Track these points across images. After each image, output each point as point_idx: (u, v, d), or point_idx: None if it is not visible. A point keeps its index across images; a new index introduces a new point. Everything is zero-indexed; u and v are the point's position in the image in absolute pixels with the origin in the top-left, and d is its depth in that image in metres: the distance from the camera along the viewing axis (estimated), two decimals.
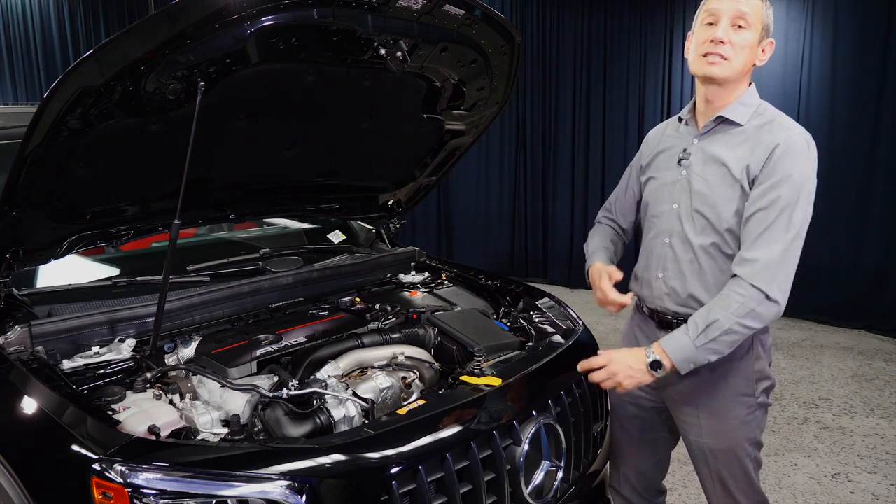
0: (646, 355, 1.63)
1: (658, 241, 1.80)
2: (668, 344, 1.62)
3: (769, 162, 1.60)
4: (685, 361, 1.61)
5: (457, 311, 2.20)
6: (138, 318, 1.87)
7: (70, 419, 1.39)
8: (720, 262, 1.69)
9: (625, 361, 1.65)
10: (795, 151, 1.60)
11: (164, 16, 1.46)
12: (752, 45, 1.65)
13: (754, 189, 1.62)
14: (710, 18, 1.66)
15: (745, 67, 1.67)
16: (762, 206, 1.59)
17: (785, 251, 1.57)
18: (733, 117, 1.69)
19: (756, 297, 1.56)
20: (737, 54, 1.64)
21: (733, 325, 1.56)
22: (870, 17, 4.89)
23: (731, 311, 1.56)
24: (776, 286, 1.56)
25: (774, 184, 1.59)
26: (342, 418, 1.60)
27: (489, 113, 2.41)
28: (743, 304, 1.56)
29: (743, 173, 1.64)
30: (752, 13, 1.63)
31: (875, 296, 5.10)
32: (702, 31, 1.68)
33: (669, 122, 1.93)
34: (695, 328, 1.59)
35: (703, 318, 1.59)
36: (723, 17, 1.64)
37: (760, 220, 1.59)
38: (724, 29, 1.63)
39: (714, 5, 1.66)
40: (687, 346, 1.60)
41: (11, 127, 2.14)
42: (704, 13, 1.69)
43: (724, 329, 1.57)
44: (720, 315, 1.57)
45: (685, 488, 3.01)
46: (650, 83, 6.01)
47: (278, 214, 2.64)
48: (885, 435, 3.52)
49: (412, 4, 1.75)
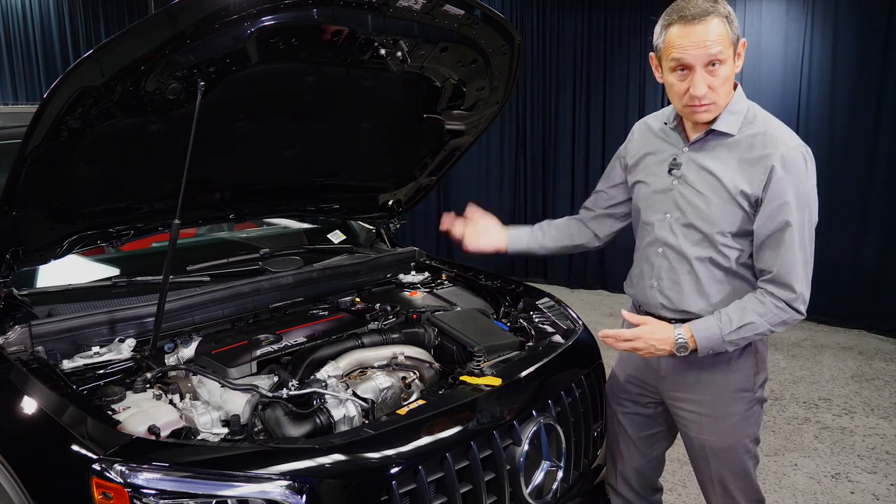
0: (675, 337, 1.66)
1: (652, 249, 1.80)
2: (699, 332, 1.65)
3: (770, 184, 1.59)
4: (707, 349, 1.66)
5: (457, 311, 2.20)
6: (138, 318, 1.87)
7: (70, 419, 1.39)
8: (716, 274, 1.70)
9: (652, 339, 1.67)
10: (796, 170, 1.59)
11: (164, 16, 1.46)
12: (730, 72, 1.60)
13: (761, 211, 1.62)
14: (680, 67, 1.58)
15: (730, 90, 1.64)
16: (776, 229, 1.61)
17: (805, 263, 1.63)
18: (725, 129, 1.65)
19: (788, 311, 1.63)
20: (719, 93, 1.59)
21: (765, 330, 1.64)
22: (870, 17, 4.88)
23: (766, 319, 1.63)
24: (802, 301, 1.63)
25: (781, 206, 1.59)
26: (342, 418, 1.61)
27: (489, 113, 2.41)
28: (776, 314, 1.63)
29: (738, 190, 1.62)
30: (722, 46, 1.54)
31: (875, 296, 5.09)
32: (674, 80, 1.61)
33: (655, 117, 1.87)
34: (728, 323, 1.63)
35: (738, 316, 1.63)
36: (695, 67, 1.56)
37: (778, 241, 1.61)
38: (700, 81, 1.56)
39: (681, 55, 1.56)
40: (715, 337, 1.64)
41: (11, 127, 2.14)
42: (672, 62, 1.58)
43: (757, 332, 1.64)
44: (756, 319, 1.62)
45: (685, 488, 3.01)
46: (650, 83, 6.01)
47: (278, 214, 2.64)
48: (885, 435, 3.52)
49: (412, 4, 1.75)
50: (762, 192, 1.60)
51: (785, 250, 1.60)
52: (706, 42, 1.54)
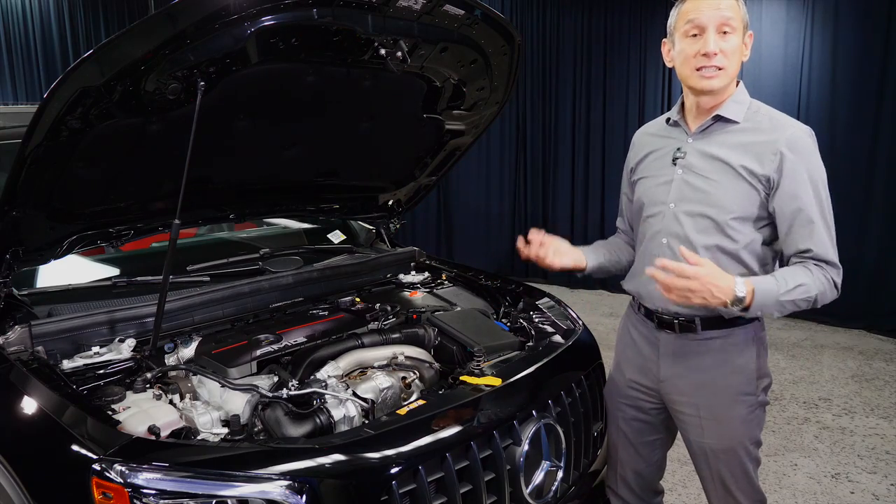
0: (735, 288, 1.58)
1: (655, 241, 1.79)
2: (759, 285, 1.61)
3: (784, 165, 1.62)
4: (759, 307, 1.62)
5: (457, 311, 2.20)
6: (138, 318, 1.87)
7: (70, 419, 1.40)
8: (723, 261, 1.69)
9: (712, 282, 1.57)
10: (807, 151, 1.64)
11: (164, 16, 1.46)
12: (739, 47, 1.66)
13: (779, 195, 1.64)
14: (693, 30, 1.64)
15: (737, 70, 1.68)
16: (799, 208, 1.63)
17: (832, 241, 1.66)
18: (730, 115, 1.69)
19: (832, 286, 1.65)
20: (729, 61, 1.64)
21: (814, 295, 1.62)
22: (870, 17, 4.88)
23: (815, 285, 1.62)
24: (841, 276, 1.66)
25: (799, 188, 1.63)
26: (342, 418, 1.60)
27: (489, 113, 2.41)
28: (822, 282, 1.63)
29: (746, 169, 1.64)
30: (734, 16, 1.62)
31: (875, 296, 5.09)
32: (687, 44, 1.66)
33: (653, 123, 1.92)
34: (784, 283, 1.61)
35: (793, 278, 1.62)
36: (708, 26, 1.62)
37: (804, 221, 1.63)
38: (713, 40, 1.62)
39: (695, 16, 1.63)
40: (771, 295, 1.60)
41: (11, 127, 2.14)
42: (686, 24, 1.65)
43: (807, 296, 1.62)
44: (807, 281, 1.62)
45: (685, 488, 3.01)
46: (650, 83, 6.01)
47: (278, 214, 2.64)
48: (885, 435, 3.52)
49: (412, 4, 1.75)
50: (775, 173, 1.63)
51: (814, 228, 1.63)
52: (719, 5, 1.61)
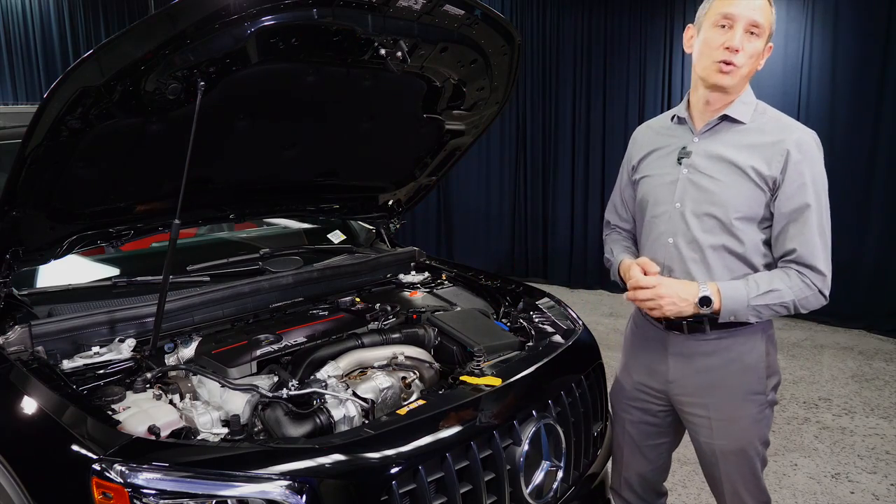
0: (699, 289, 1.64)
1: (660, 242, 1.78)
2: (725, 289, 1.64)
3: (788, 166, 1.63)
4: (730, 312, 1.64)
5: (457, 311, 2.20)
6: (138, 318, 1.87)
7: (70, 419, 1.39)
8: (728, 262, 1.69)
9: (675, 289, 1.65)
10: (812, 156, 1.65)
11: (164, 16, 1.46)
12: (759, 53, 1.66)
13: (780, 193, 1.65)
14: (724, 21, 1.64)
15: (749, 75, 1.68)
16: (796, 209, 1.64)
17: (825, 247, 1.68)
18: (738, 116, 1.69)
19: (813, 288, 1.66)
20: (746, 63, 1.65)
21: (789, 301, 1.64)
22: (870, 18, 4.88)
23: (793, 292, 1.64)
24: (826, 285, 1.67)
25: (800, 188, 1.64)
26: (342, 418, 1.60)
27: (489, 113, 2.41)
28: (802, 289, 1.65)
29: (753, 169, 1.65)
30: (765, 21, 1.63)
31: (875, 296, 5.09)
32: (714, 34, 1.66)
33: (657, 120, 1.92)
34: (755, 287, 1.63)
35: (766, 282, 1.64)
36: (738, 23, 1.62)
37: (797, 222, 1.65)
38: (739, 36, 1.62)
39: (730, 10, 1.63)
40: (741, 299, 1.63)
41: (11, 127, 2.14)
42: (718, 15, 1.65)
43: (782, 301, 1.64)
44: (782, 287, 1.63)
45: (685, 488, 3.01)
46: (650, 83, 6.01)
47: (278, 214, 2.64)
48: (885, 435, 3.52)
49: (412, 4, 1.75)
50: (780, 174, 1.64)
51: (806, 231, 1.64)
52: (755, 5, 1.63)
